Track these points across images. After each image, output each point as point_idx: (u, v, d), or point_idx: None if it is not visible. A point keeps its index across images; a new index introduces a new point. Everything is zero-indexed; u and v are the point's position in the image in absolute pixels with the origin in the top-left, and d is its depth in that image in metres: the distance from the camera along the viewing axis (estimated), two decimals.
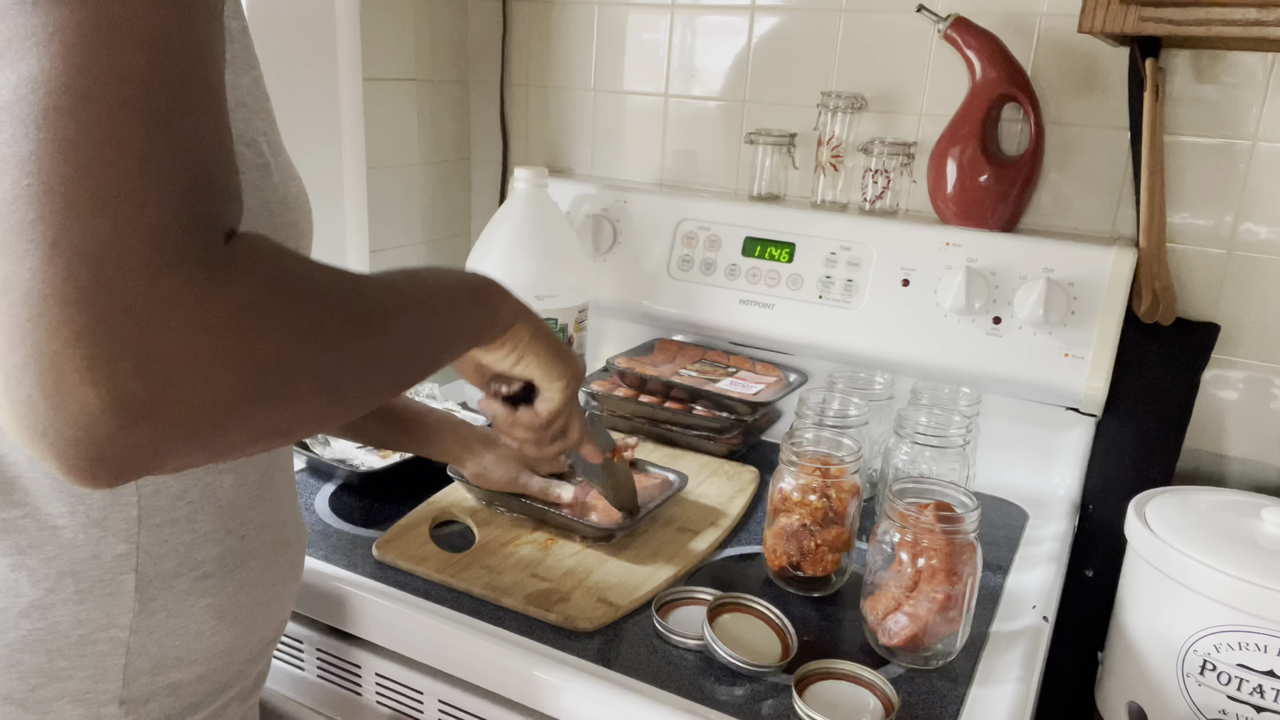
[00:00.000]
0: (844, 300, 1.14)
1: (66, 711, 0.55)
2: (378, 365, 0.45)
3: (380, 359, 0.45)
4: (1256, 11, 0.78)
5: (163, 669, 0.58)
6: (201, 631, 0.59)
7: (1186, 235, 1.06)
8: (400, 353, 0.48)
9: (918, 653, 0.75)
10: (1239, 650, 0.77)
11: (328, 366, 0.41)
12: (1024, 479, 1.11)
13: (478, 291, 0.61)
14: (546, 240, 1.19)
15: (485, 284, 0.62)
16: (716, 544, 0.92)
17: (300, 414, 0.41)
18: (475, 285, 0.61)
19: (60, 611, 0.54)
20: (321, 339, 0.40)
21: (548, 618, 0.78)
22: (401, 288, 0.49)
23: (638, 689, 0.71)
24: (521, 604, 0.79)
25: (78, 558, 0.54)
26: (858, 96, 1.17)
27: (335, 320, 0.42)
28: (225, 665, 0.62)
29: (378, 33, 1.26)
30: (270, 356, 0.37)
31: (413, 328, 0.49)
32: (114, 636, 0.55)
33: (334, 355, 0.42)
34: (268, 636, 0.66)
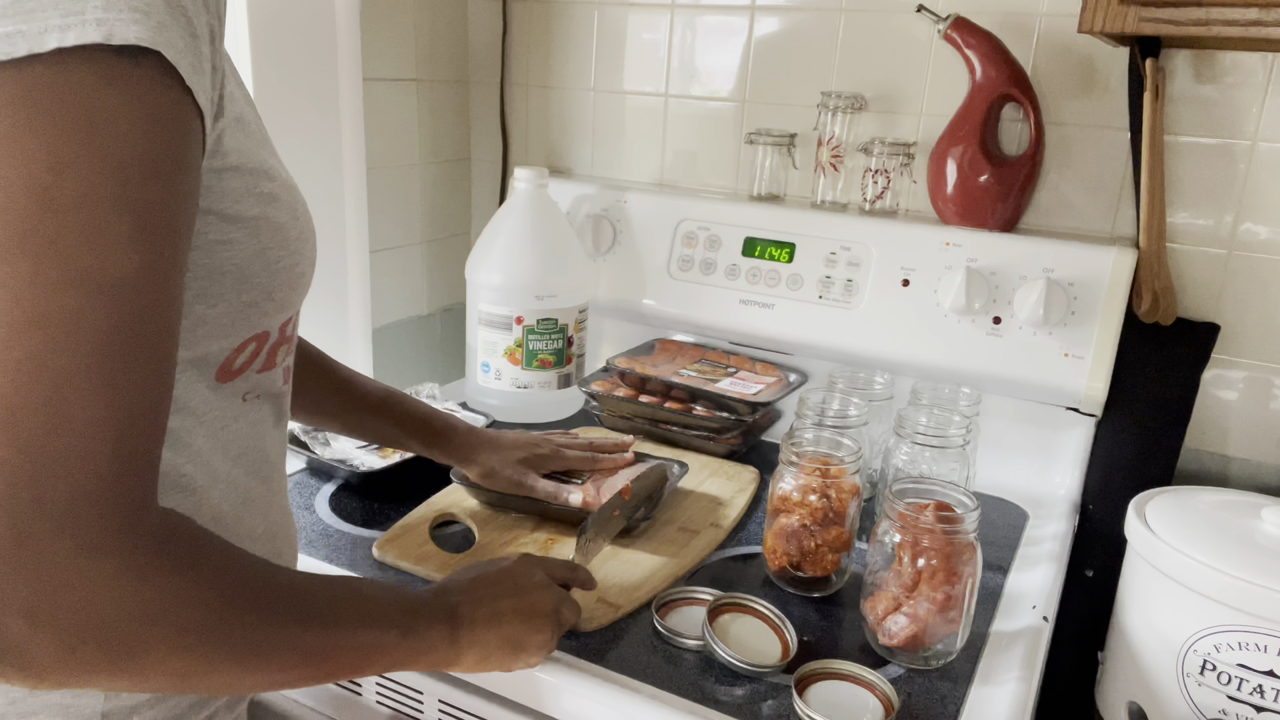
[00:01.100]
0: (844, 300, 1.14)
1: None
2: (249, 675, 0.48)
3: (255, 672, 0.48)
4: (1256, 11, 0.78)
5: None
6: None
7: (1186, 235, 1.07)
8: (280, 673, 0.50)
9: (918, 653, 0.75)
10: (1239, 650, 0.77)
11: (195, 662, 0.44)
12: (1024, 479, 1.11)
13: (409, 624, 0.58)
14: (546, 240, 1.19)
15: (429, 615, 0.60)
16: (717, 544, 0.92)
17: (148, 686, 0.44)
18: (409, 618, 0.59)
19: None
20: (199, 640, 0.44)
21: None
22: (318, 606, 0.51)
23: (638, 689, 0.71)
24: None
25: None
26: (858, 96, 1.17)
27: (220, 628, 0.45)
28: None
29: (378, 33, 1.26)
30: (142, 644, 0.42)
31: (308, 650, 0.50)
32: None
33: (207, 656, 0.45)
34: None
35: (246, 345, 0.57)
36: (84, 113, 0.40)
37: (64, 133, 0.39)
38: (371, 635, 0.55)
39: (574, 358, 1.22)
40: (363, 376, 0.92)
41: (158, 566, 0.42)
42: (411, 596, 0.61)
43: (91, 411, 0.40)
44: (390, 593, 0.60)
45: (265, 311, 0.56)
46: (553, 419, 1.22)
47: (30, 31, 0.39)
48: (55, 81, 0.39)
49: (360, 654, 0.55)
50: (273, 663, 0.49)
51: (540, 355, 1.19)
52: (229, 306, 0.54)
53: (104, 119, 0.40)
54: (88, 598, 0.40)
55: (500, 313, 1.18)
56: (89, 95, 0.40)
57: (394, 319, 1.39)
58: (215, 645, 0.45)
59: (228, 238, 0.52)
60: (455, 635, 0.62)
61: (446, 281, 1.48)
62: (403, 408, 0.92)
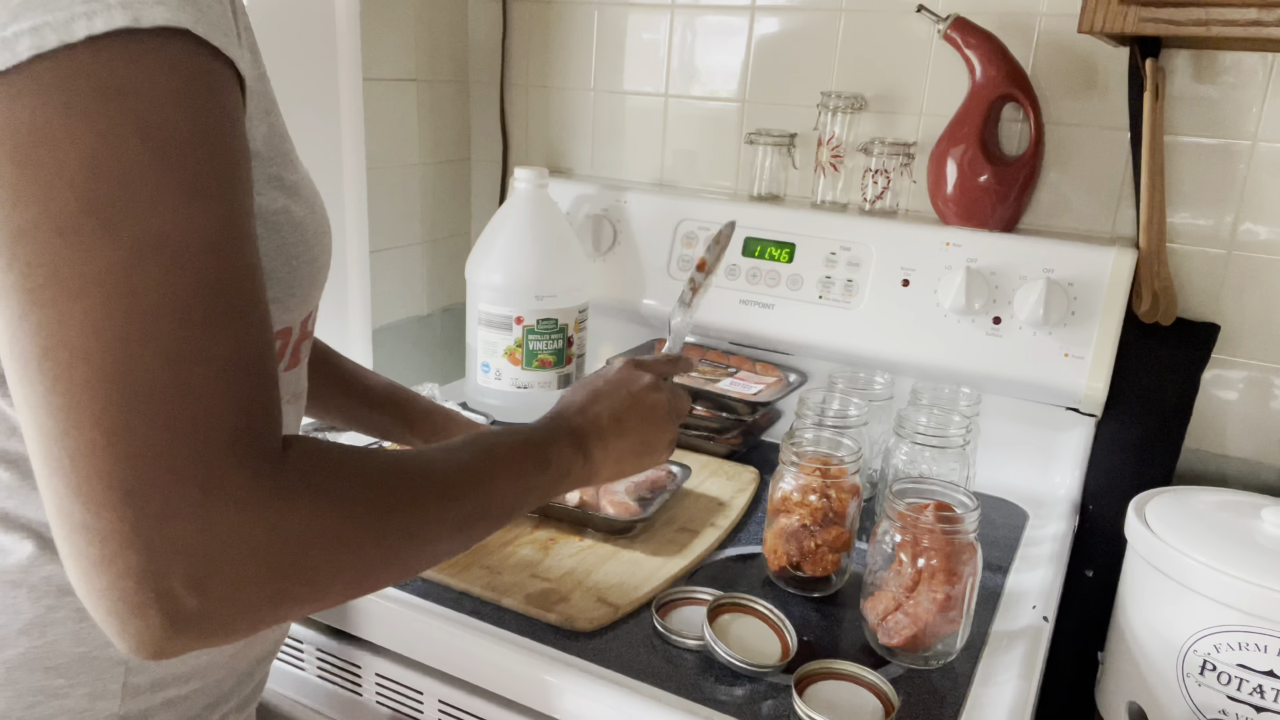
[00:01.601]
0: (844, 300, 1.14)
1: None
2: (414, 560, 0.49)
3: (418, 556, 0.50)
4: (1256, 11, 0.78)
5: (161, 686, 0.58)
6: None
7: (1186, 235, 1.06)
8: (456, 538, 0.52)
9: (918, 653, 0.75)
10: (1239, 650, 0.77)
11: (362, 569, 0.46)
12: (1024, 479, 1.11)
13: (547, 461, 0.61)
14: (546, 240, 1.19)
15: (554, 447, 0.62)
16: (716, 544, 0.92)
17: (328, 604, 0.46)
18: (545, 454, 0.61)
19: (59, 630, 0.53)
20: (359, 552, 0.45)
21: (547, 618, 0.78)
22: (459, 477, 0.52)
23: (638, 689, 0.71)
24: (521, 604, 0.79)
25: None
26: (858, 96, 1.17)
27: (375, 532, 0.46)
28: (223, 680, 0.62)
29: (378, 33, 1.26)
30: (307, 572, 0.43)
31: (459, 519, 0.52)
32: (113, 655, 0.55)
33: (385, 561, 0.47)
34: (266, 649, 0.66)
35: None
36: (117, 91, 0.39)
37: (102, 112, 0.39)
38: (511, 484, 0.57)
39: (574, 358, 1.22)
40: (366, 370, 0.92)
41: (303, 501, 0.43)
42: (535, 432, 0.62)
43: (204, 370, 0.40)
44: (515, 437, 0.61)
45: (288, 308, 0.56)
46: None
47: (57, 21, 0.39)
48: (87, 67, 0.39)
49: (507, 503, 0.56)
50: (431, 543, 0.50)
51: (540, 355, 1.19)
52: None
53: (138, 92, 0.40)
54: (251, 549, 0.40)
55: (500, 313, 1.18)
56: (120, 75, 0.40)
57: (394, 319, 1.39)
58: (374, 550, 0.46)
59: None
60: (587, 453, 0.64)
61: (446, 281, 1.48)
62: (406, 402, 0.92)
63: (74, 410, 0.38)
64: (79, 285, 0.38)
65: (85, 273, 0.38)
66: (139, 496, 0.38)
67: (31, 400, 0.39)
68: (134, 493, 0.38)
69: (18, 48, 0.38)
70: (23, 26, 0.39)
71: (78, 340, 0.38)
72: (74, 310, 0.38)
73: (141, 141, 0.40)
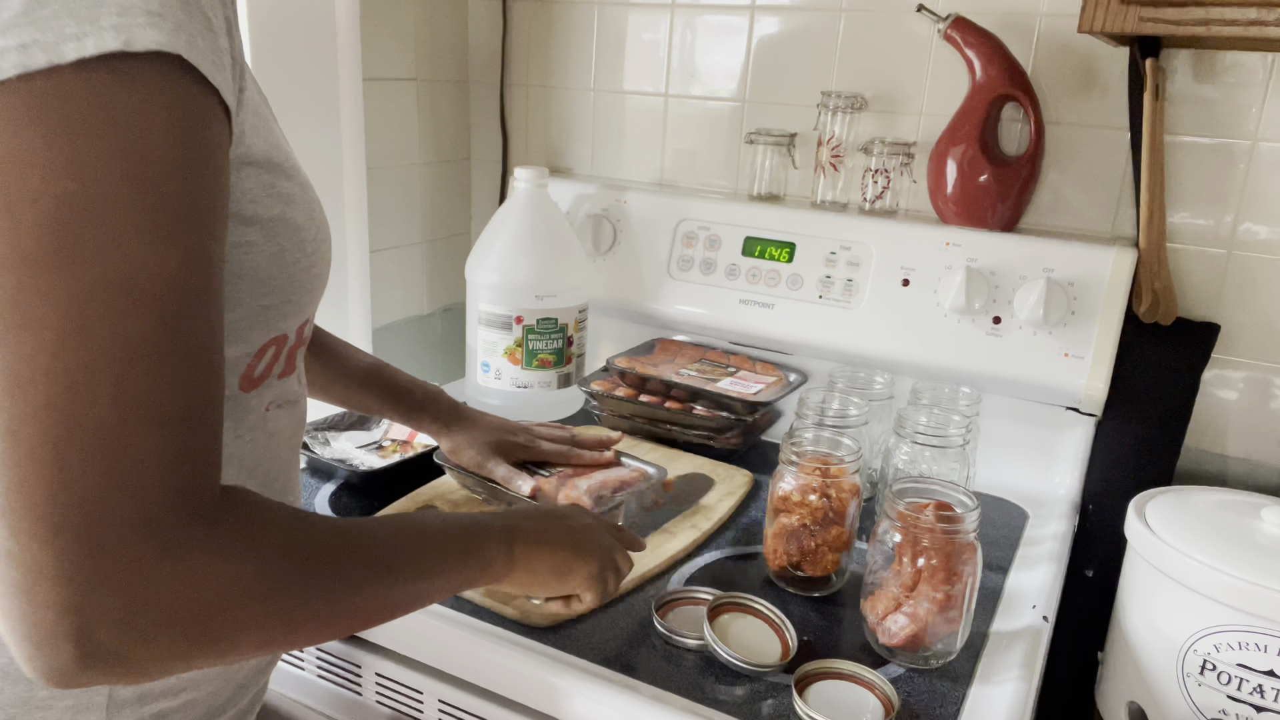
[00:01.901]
0: (844, 300, 1.14)
1: None
2: (340, 623, 0.50)
3: (344, 620, 0.50)
4: (1256, 11, 0.78)
5: (149, 699, 0.56)
6: None
7: (1186, 235, 1.06)
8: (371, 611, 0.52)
9: (918, 653, 0.75)
10: (1239, 650, 0.77)
11: (279, 628, 0.46)
12: (1024, 479, 1.11)
13: (474, 547, 0.61)
14: (546, 240, 1.19)
15: (486, 536, 0.63)
16: (692, 546, 0.92)
17: (240, 657, 0.46)
18: (474, 541, 0.61)
19: None
20: (278, 608, 0.45)
21: (505, 612, 0.78)
22: (383, 552, 0.52)
23: (638, 689, 0.71)
24: (482, 597, 0.80)
25: None
26: (858, 96, 1.17)
27: (297, 591, 0.46)
28: (217, 691, 0.61)
29: (378, 33, 1.26)
30: (225, 625, 0.43)
31: (381, 591, 0.52)
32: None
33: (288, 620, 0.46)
34: (264, 661, 0.65)
35: (266, 350, 0.56)
36: (102, 117, 0.39)
37: (83, 138, 0.39)
38: (437, 568, 0.57)
39: (574, 357, 1.22)
40: (351, 348, 0.92)
41: (231, 555, 0.43)
42: (469, 520, 0.63)
43: (149, 414, 0.40)
44: (449, 523, 0.62)
45: (283, 314, 0.56)
46: (553, 419, 1.22)
47: (46, 41, 0.38)
48: (72, 90, 0.39)
49: (430, 587, 0.57)
50: (350, 615, 0.50)
51: (540, 355, 1.19)
52: (246, 311, 0.53)
53: (123, 121, 0.39)
54: (174, 596, 0.41)
55: (500, 312, 1.18)
56: (107, 100, 0.39)
57: (394, 319, 1.39)
58: (297, 612, 0.46)
59: (245, 240, 0.51)
60: (510, 552, 0.64)
61: (446, 281, 1.48)
62: (387, 379, 0.92)
63: (12, 440, 0.38)
64: (37, 316, 0.38)
65: (45, 305, 0.38)
66: (67, 532, 0.38)
67: None
68: (63, 528, 0.38)
69: (2, 65, 0.38)
70: (10, 43, 0.38)
71: (26, 371, 0.38)
72: (28, 340, 0.38)
73: (120, 179, 0.39)
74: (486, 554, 0.62)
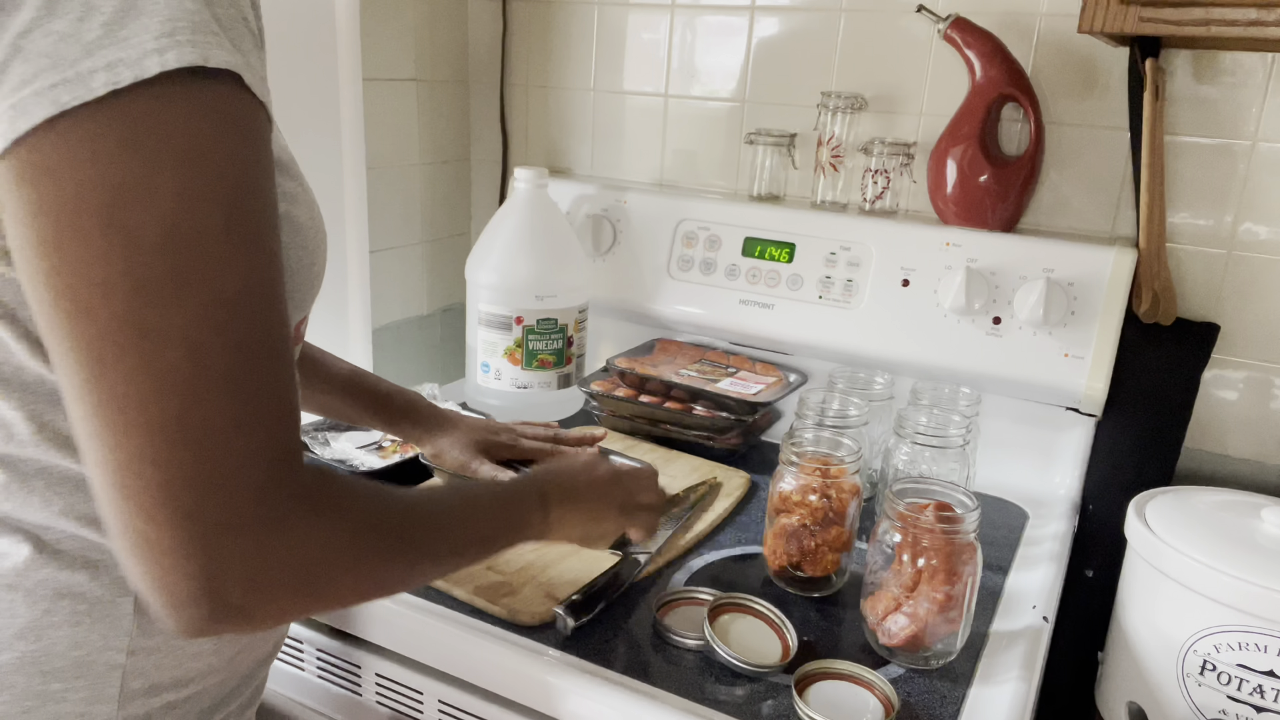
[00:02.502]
0: (844, 300, 1.14)
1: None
2: (410, 578, 0.57)
3: (413, 575, 0.57)
4: (1256, 11, 0.78)
5: (159, 690, 0.58)
6: (199, 652, 0.59)
7: (1186, 235, 1.06)
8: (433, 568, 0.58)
9: (918, 653, 0.75)
10: (1239, 650, 0.77)
11: (374, 585, 0.54)
12: (1024, 479, 1.11)
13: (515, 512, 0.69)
14: (546, 240, 1.19)
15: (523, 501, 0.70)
16: (685, 550, 0.92)
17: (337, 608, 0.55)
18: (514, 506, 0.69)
19: (56, 634, 0.54)
20: (372, 570, 0.53)
21: (492, 610, 0.78)
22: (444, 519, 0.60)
23: (638, 689, 0.71)
24: (470, 594, 0.80)
25: (76, 580, 0.54)
26: (858, 96, 1.17)
27: (386, 555, 0.53)
28: (222, 683, 0.62)
29: (378, 33, 1.26)
30: (328, 582, 0.49)
31: (450, 551, 0.60)
32: (110, 659, 0.55)
33: (381, 578, 0.54)
34: (265, 652, 0.66)
35: None
36: (190, 147, 0.43)
37: (178, 171, 0.43)
38: (489, 534, 0.65)
39: (574, 358, 1.22)
40: (331, 356, 0.92)
41: (330, 523, 0.49)
42: (511, 490, 0.71)
43: (258, 408, 0.46)
44: (495, 495, 0.69)
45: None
46: (553, 419, 1.22)
47: (130, 59, 0.41)
48: (156, 117, 0.42)
49: (481, 549, 0.64)
50: (422, 574, 0.58)
51: (540, 355, 1.19)
52: None
53: (208, 150, 0.44)
54: (286, 561, 0.47)
55: (500, 313, 1.18)
56: (191, 127, 0.43)
57: (394, 319, 1.39)
58: (382, 571, 0.53)
59: None
60: (546, 515, 0.71)
61: (446, 281, 1.48)
62: (367, 387, 0.92)
63: (147, 448, 0.43)
64: (157, 338, 0.43)
65: (162, 326, 0.43)
66: (198, 517, 0.44)
67: (103, 433, 0.43)
68: (194, 514, 0.44)
69: (93, 83, 0.41)
70: (97, 63, 0.41)
71: (150, 387, 0.43)
72: (151, 361, 0.43)
73: (217, 204, 0.44)
74: (527, 519, 0.69)
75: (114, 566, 0.55)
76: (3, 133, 0.42)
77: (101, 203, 0.41)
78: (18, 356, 0.51)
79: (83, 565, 0.54)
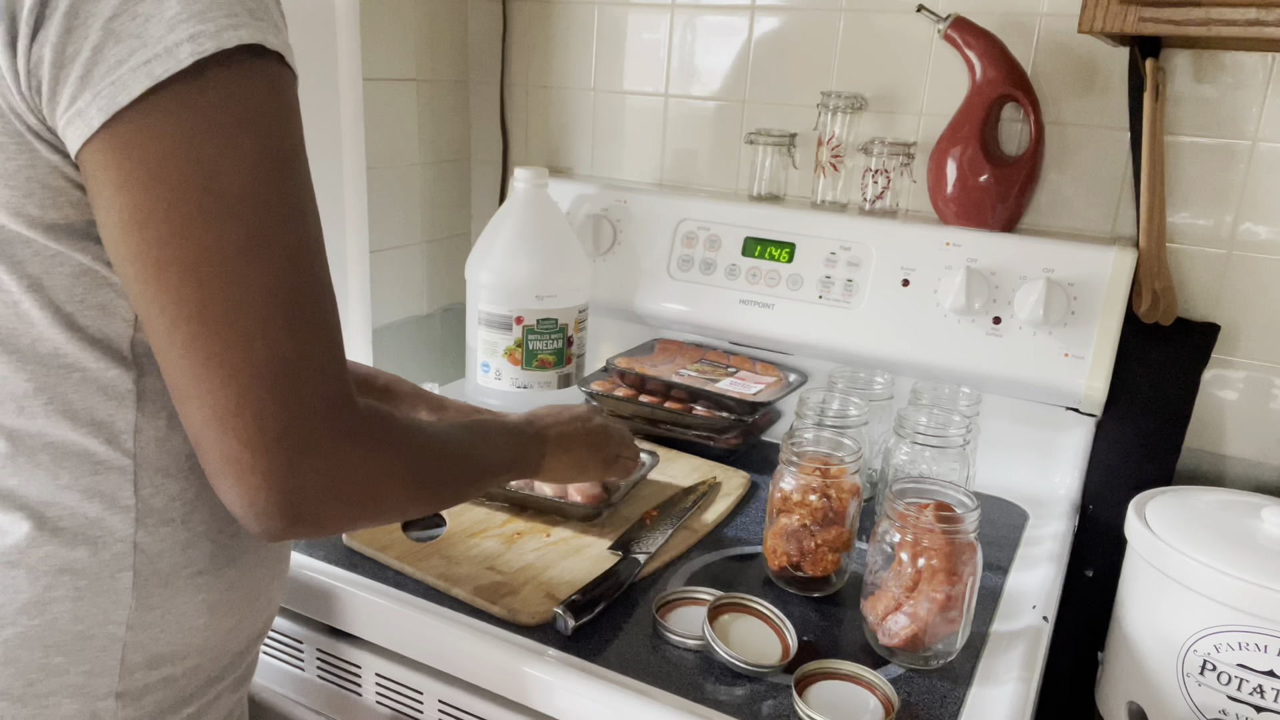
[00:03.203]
0: (844, 300, 1.14)
1: (64, 706, 0.56)
2: (443, 499, 0.65)
3: (445, 496, 0.65)
4: (1256, 11, 0.78)
5: (158, 663, 0.59)
6: (196, 626, 0.60)
7: (1186, 235, 1.06)
8: (459, 491, 0.67)
9: (918, 653, 0.75)
10: (1239, 650, 0.77)
11: (415, 501, 0.61)
12: (1024, 479, 1.11)
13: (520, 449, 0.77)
14: (546, 240, 1.19)
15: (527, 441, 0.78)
16: (684, 550, 0.92)
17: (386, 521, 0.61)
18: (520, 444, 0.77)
19: (58, 609, 0.55)
20: (415, 487, 0.60)
21: (492, 610, 0.79)
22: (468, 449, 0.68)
23: (638, 689, 0.71)
24: (470, 595, 0.80)
25: (76, 556, 0.55)
26: (858, 96, 1.17)
27: (426, 475, 0.61)
28: (218, 658, 0.64)
29: (378, 33, 1.26)
30: (383, 497, 0.57)
31: (473, 477, 0.69)
32: (111, 633, 0.56)
33: (421, 496, 0.61)
34: (258, 629, 0.68)
35: None
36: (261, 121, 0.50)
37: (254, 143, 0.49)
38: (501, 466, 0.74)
39: (574, 358, 1.22)
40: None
41: (386, 443, 0.56)
42: (513, 429, 0.78)
43: (323, 347, 0.53)
44: (507, 431, 0.76)
45: None
46: None
47: (208, 31, 0.47)
48: (234, 86, 0.49)
49: (493, 478, 0.73)
50: (450, 489, 0.65)
51: (540, 355, 1.19)
52: None
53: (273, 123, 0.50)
54: (353, 475, 0.54)
55: (500, 312, 1.18)
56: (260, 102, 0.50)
57: (394, 319, 1.39)
58: (426, 489, 0.61)
59: None
60: (542, 456, 0.79)
61: (446, 281, 1.48)
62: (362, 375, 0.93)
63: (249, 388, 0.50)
64: (247, 290, 0.49)
65: (252, 281, 0.49)
66: (285, 442, 0.51)
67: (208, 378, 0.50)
68: (282, 439, 0.50)
69: (180, 55, 0.46)
70: (181, 35, 0.47)
71: (245, 336, 0.49)
72: (247, 313, 0.49)
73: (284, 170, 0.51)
74: (526, 455, 0.77)
75: (113, 543, 0.56)
76: (103, 108, 0.47)
77: (198, 172, 0.48)
78: (38, 327, 0.54)
79: (83, 541, 0.55)
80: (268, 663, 0.89)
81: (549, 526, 0.93)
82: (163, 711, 0.60)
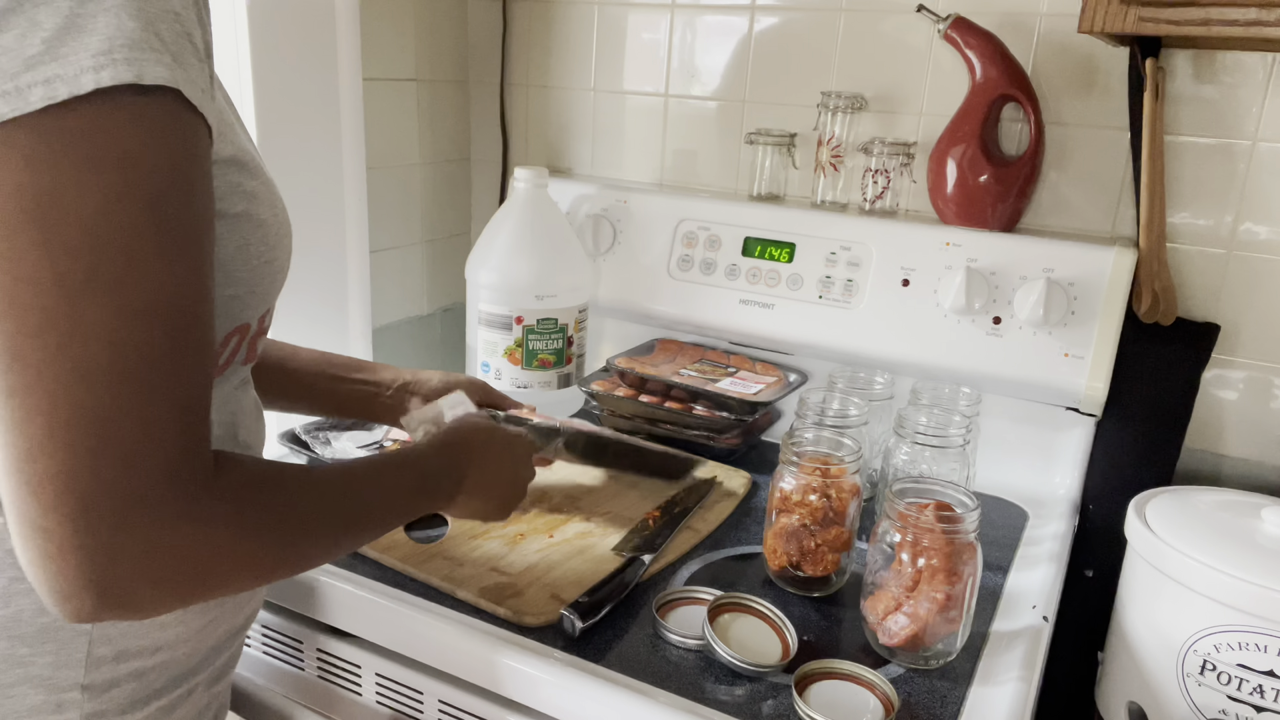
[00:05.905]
0: (844, 300, 1.14)
1: (29, 695, 0.56)
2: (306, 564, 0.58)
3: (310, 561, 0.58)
4: (1256, 11, 0.78)
5: (126, 657, 0.59)
6: (165, 622, 0.60)
7: (1186, 235, 1.06)
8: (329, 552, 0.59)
9: (918, 653, 0.75)
10: (1239, 650, 0.77)
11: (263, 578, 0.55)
12: (1024, 479, 1.11)
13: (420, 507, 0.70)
14: (546, 240, 1.19)
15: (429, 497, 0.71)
16: (685, 551, 0.92)
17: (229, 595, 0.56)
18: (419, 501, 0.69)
19: (23, 601, 0.55)
20: (263, 568, 0.54)
21: (498, 611, 0.78)
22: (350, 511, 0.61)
23: (637, 689, 0.71)
24: (475, 596, 0.80)
25: None
26: (858, 96, 1.17)
27: (280, 550, 0.54)
28: (191, 653, 0.64)
29: (378, 33, 1.26)
30: (216, 578, 0.51)
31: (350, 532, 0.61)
32: (76, 625, 0.56)
33: (272, 572, 0.55)
34: (236, 625, 0.68)
35: (230, 338, 0.59)
36: (123, 153, 0.45)
37: (105, 177, 0.44)
38: (397, 512, 0.66)
39: (574, 358, 1.22)
40: (295, 352, 0.92)
41: (221, 524, 0.50)
42: (425, 468, 0.71)
43: (161, 411, 0.47)
44: (407, 471, 0.69)
45: (247, 305, 0.59)
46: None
47: (67, 75, 0.43)
48: (90, 128, 0.44)
49: (387, 526, 0.66)
50: (312, 564, 0.59)
51: (540, 355, 1.19)
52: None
53: (141, 154, 0.45)
54: (174, 560, 0.48)
55: (500, 312, 1.18)
56: (122, 138, 0.45)
57: (394, 319, 1.39)
58: (270, 569, 0.55)
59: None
60: (450, 506, 0.74)
61: (446, 281, 1.48)
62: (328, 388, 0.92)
63: (50, 438, 0.44)
64: (70, 333, 0.44)
65: (77, 324, 0.44)
66: (93, 509, 0.45)
67: (9, 421, 0.44)
68: (89, 507, 0.45)
69: (31, 97, 0.43)
70: (36, 77, 0.43)
71: (60, 380, 0.44)
72: (62, 355, 0.44)
73: (141, 210, 0.45)
74: (437, 498, 0.71)
75: None
76: None
77: (31, 204, 0.43)
78: None
79: None
80: (268, 662, 0.89)
81: (551, 527, 0.93)
82: (133, 704, 0.60)
